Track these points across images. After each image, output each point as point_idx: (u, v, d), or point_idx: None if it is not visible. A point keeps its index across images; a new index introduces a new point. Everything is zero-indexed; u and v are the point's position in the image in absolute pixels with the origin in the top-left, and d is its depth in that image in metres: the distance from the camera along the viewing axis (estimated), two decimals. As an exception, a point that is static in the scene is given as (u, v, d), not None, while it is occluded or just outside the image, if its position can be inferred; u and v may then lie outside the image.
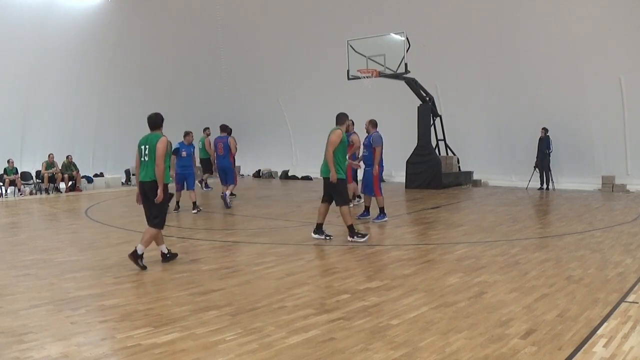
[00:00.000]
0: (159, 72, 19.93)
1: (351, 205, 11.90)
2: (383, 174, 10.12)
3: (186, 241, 8.40)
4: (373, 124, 10.06)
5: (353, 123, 11.39)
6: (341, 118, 8.16)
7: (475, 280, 5.78)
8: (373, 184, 9.81)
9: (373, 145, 9.78)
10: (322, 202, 8.21)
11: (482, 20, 15.31)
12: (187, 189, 11.50)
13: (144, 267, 6.37)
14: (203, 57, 20.86)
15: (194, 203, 11.37)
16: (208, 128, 15.08)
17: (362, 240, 7.92)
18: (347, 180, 11.94)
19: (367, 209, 10.22)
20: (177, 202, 11.64)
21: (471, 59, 15.98)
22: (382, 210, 9.85)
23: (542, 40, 14.61)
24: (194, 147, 11.88)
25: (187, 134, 11.56)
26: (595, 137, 14.72)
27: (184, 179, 11.43)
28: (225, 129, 12.58)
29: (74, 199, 15.17)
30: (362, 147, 10.33)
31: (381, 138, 9.86)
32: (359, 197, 11.96)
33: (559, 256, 6.81)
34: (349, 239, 7.94)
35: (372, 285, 5.55)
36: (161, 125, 6.66)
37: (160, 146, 6.38)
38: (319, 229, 8.22)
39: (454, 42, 15.92)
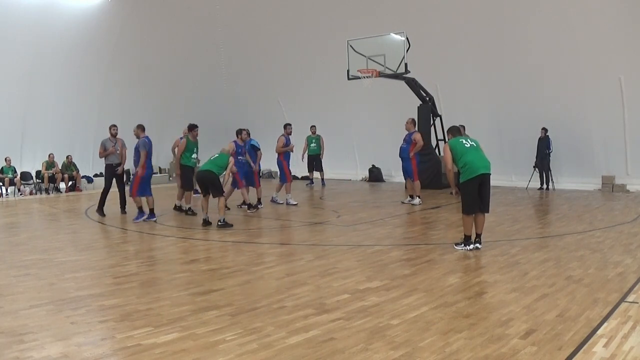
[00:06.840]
0: (159, 72, 19.90)
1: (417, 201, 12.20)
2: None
3: (186, 241, 8.40)
4: (141, 128, 10.44)
5: (414, 122, 11.21)
6: None
7: (475, 280, 5.78)
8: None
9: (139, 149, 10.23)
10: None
11: (483, 20, 15.30)
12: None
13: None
14: (203, 57, 20.82)
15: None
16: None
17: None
18: (414, 177, 12.11)
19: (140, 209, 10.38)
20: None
21: (471, 59, 15.96)
22: (152, 211, 10.23)
23: (542, 40, 14.58)
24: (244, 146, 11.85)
25: (240, 131, 11.87)
26: (595, 137, 14.69)
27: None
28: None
29: (74, 199, 15.17)
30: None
31: (146, 144, 10.19)
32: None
33: (559, 256, 6.81)
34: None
35: (372, 285, 5.55)
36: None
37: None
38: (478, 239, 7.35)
39: (454, 42, 15.91)
